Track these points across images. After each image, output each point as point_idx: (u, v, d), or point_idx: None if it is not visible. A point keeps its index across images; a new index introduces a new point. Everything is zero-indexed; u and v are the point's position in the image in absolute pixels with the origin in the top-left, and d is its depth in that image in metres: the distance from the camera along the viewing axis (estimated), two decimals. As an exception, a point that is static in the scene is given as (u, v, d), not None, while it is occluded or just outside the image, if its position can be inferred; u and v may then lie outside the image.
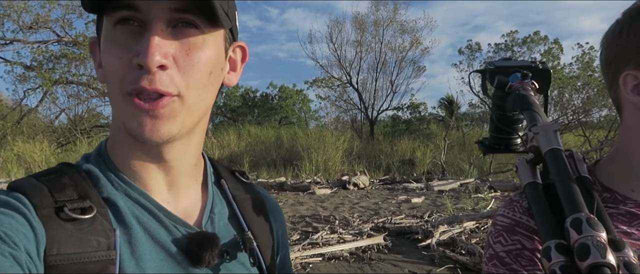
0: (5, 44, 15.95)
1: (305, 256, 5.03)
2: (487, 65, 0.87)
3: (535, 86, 0.81)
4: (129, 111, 0.59)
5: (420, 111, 22.85)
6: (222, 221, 0.73)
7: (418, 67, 22.40)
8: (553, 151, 0.65)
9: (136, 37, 0.58)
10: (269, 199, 0.85)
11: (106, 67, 0.60)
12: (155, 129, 0.59)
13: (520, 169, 0.74)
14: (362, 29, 22.02)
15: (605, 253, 0.49)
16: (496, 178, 11.49)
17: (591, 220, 0.53)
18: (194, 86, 0.61)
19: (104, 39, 0.60)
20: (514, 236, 0.79)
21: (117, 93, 0.59)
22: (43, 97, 17.96)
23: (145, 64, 0.55)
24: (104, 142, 0.70)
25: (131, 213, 0.63)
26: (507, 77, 0.82)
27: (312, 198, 9.86)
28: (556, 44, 19.01)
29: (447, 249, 5.23)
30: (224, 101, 26.36)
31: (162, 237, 0.64)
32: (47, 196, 0.58)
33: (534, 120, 0.72)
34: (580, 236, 0.52)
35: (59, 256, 0.54)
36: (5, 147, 15.00)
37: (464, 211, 7.49)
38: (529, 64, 0.85)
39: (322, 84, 23.41)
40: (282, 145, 17.14)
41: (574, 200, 0.58)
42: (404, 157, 15.79)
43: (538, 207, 0.65)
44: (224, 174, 0.80)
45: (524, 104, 0.76)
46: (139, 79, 0.57)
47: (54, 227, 0.55)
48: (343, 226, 6.54)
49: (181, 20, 0.59)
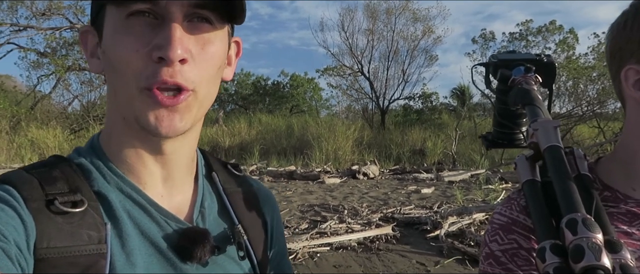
0: (19, 31, 16.09)
1: (313, 245, 5.04)
2: (490, 58, 0.86)
3: (539, 80, 0.79)
4: (145, 104, 0.58)
5: (432, 101, 22.71)
6: (212, 216, 0.72)
7: (430, 56, 22.19)
8: (552, 148, 0.64)
9: (153, 29, 0.57)
10: (262, 191, 0.84)
11: (117, 58, 0.59)
12: (172, 124, 0.59)
13: (520, 166, 0.72)
14: (374, 17, 21.83)
15: (600, 255, 0.48)
16: (507, 169, 11.40)
17: (587, 221, 0.52)
18: (206, 80, 0.62)
19: (113, 30, 0.59)
20: (510, 235, 0.78)
21: (131, 86, 0.58)
22: (56, 84, 18.16)
23: (168, 57, 0.56)
24: (96, 135, 0.69)
25: (122, 207, 0.62)
26: (510, 71, 0.81)
27: (322, 187, 9.88)
28: (571, 34, 18.67)
29: (456, 241, 5.21)
30: (235, 89, 26.45)
31: (152, 232, 0.63)
32: (37, 189, 0.57)
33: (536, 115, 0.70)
34: (575, 237, 0.50)
35: (49, 249, 0.54)
36: (19, 133, 15.23)
37: (474, 202, 7.45)
38: (533, 57, 0.83)
39: (334, 72, 23.31)
40: (292, 134, 17.17)
41: (571, 200, 0.56)
42: (414, 147, 15.73)
43: (535, 205, 0.64)
44: (216, 167, 0.79)
45: (526, 98, 0.74)
46: (158, 72, 0.57)
47: (44, 220, 0.55)
48: (352, 216, 6.55)
49: (197, 15, 0.60)
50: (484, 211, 6.13)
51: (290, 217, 6.72)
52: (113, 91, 0.62)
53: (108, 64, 0.61)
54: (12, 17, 15.68)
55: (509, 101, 0.78)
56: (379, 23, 21.91)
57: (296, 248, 4.89)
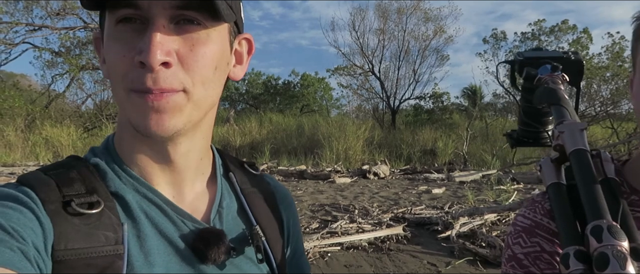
0: (34, 30, 16.30)
1: (323, 245, 5.05)
2: (516, 55, 0.84)
3: (566, 79, 0.78)
4: (133, 106, 0.58)
5: (443, 101, 22.59)
6: (230, 215, 0.72)
7: (441, 56, 22.11)
8: (578, 152, 0.63)
9: (138, 34, 0.57)
10: (279, 190, 0.84)
11: (109, 64, 0.59)
12: (160, 123, 0.58)
13: (544, 168, 0.71)
14: (385, 16, 21.79)
15: (625, 264, 0.47)
16: (519, 170, 11.32)
17: (613, 228, 0.51)
18: (199, 81, 0.60)
19: (107, 37, 0.60)
20: (533, 238, 0.77)
21: (121, 90, 0.59)
22: (70, 83, 18.37)
23: (147, 62, 0.55)
24: (111, 136, 0.70)
25: (139, 207, 0.62)
26: (536, 69, 0.79)
27: (332, 187, 9.88)
28: (585, 33, 18.47)
29: (467, 242, 5.18)
30: (246, 89, 26.51)
31: (170, 232, 0.63)
32: (54, 191, 0.57)
33: (562, 116, 0.69)
34: (600, 245, 0.50)
35: (67, 251, 0.54)
36: (34, 131, 15.43)
37: (485, 202, 7.41)
38: (560, 54, 0.81)
39: (344, 72, 23.30)
40: (303, 133, 17.17)
41: (597, 206, 0.55)
42: (425, 147, 15.67)
43: (560, 210, 0.63)
44: (233, 166, 0.78)
45: (552, 98, 0.72)
46: (142, 77, 0.56)
47: (62, 222, 0.55)
48: (362, 216, 6.55)
49: (183, 17, 0.58)
50: (496, 212, 6.09)
51: (301, 216, 6.73)
52: (114, 96, 0.62)
53: (108, 70, 0.61)
54: (27, 17, 15.92)
55: (535, 100, 0.77)
56: (390, 23, 21.87)
57: (307, 247, 4.90)
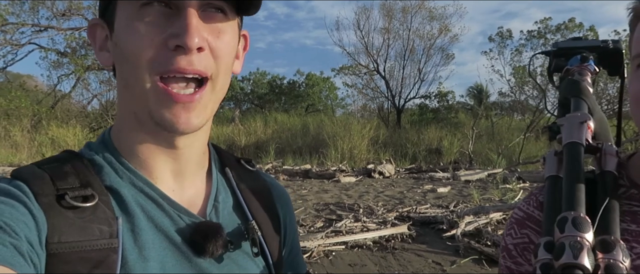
0: (40, 31, 16.39)
1: (328, 244, 5.05)
2: (552, 46, 0.83)
3: (596, 71, 0.76)
4: (160, 101, 0.58)
5: (448, 100, 22.54)
6: (226, 210, 0.71)
7: (447, 54, 22.06)
8: (570, 145, 0.64)
9: (168, 18, 0.57)
10: (276, 187, 0.84)
11: (130, 48, 0.58)
12: (189, 121, 0.59)
13: (547, 161, 0.71)
14: (390, 15, 21.75)
15: (579, 254, 0.48)
16: (525, 169, 11.26)
17: (577, 220, 0.52)
18: (222, 70, 0.62)
19: (127, 20, 0.59)
20: (523, 229, 0.78)
21: (145, 78, 0.58)
22: (76, 83, 18.47)
23: (185, 45, 0.56)
24: (107, 130, 0.69)
25: (135, 201, 0.62)
26: (566, 60, 0.78)
27: (337, 186, 9.87)
28: (591, 31, 18.36)
29: (473, 240, 5.16)
30: (251, 88, 26.55)
31: (166, 226, 0.63)
32: (48, 184, 0.57)
33: (579, 108, 0.68)
34: (562, 236, 0.51)
35: (61, 244, 0.54)
36: (40, 132, 15.54)
37: (490, 201, 7.38)
38: (598, 44, 0.79)
39: (349, 71, 23.28)
40: (308, 132, 17.19)
41: (570, 198, 0.57)
42: (430, 146, 15.63)
43: (548, 201, 0.63)
44: (229, 162, 0.78)
45: (573, 90, 0.72)
46: (174, 59, 0.57)
47: (56, 215, 0.55)
48: (367, 215, 6.54)
49: (211, 5, 0.60)
50: (501, 211, 6.06)
51: (306, 215, 6.73)
52: (124, 85, 0.62)
53: (120, 56, 0.60)
54: (33, 17, 16.01)
55: (559, 93, 0.76)
56: (395, 22, 21.85)
57: (311, 246, 4.90)
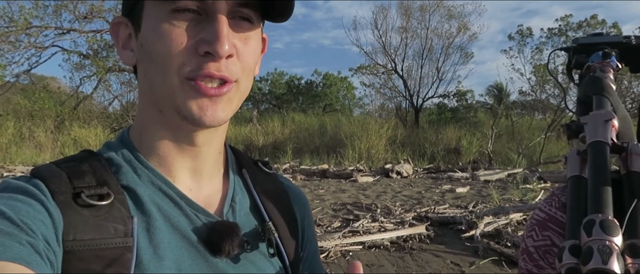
0: (63, 34, 16.70)
1: (345, 244, 5.04)
2: (572, 42, 0.81)
3: (619, 67, 0.74)
4: (188, 95, 0.60)
5: (467, 99, 22.29)
6: (243, 211, 0.72)
7: (465, 53, 21.79)
8: (595, 144, 0.61)
9: (198, 24, 0.59)
10: (293, 189, 0.84)
11: (159, 51, 0.59)
12: (216, 114, 0.61)
13: (569, 160, 0.69)
14: (407, 14, 21.60)
15: (608, 259, 0.46)
16: (546, 168, 11.08)
17: (605, 223, 0.50)
18: (246, 73, 0.64)
19: (156, 22, 0.60)
20: (545, 231, 0.76)
21: (173, 77, 0.59)
22: (97, 85, 18.78)
23: (216, 52, 0.58)
24: (126, 129, 0.70)
25: (151, 200, 0.63)
26: (587, 57, 0.76)
27: (355, 186, 9.86)
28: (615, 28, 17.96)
29: (492, 241, 5.11)
30: (269, 89, 26.67)
31: (182, 225, 0.63)
32: (65, 182, 0.58)
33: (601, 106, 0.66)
34: (589, 240, 0.50)
35: (76, 242, 0.55)
36: (63, 132, 15.85)
37: (510, 202, 7.28)
38: (620, 39, 0.77)
39: (367, 71, 23.21)
40: (325, 132, 17.19)
41: (597, 200, 0.55)
42: (449, 146, 15.49)
43: (572, 203, 0.61)
44: (246, 163, 0.79)
45: (595, 87, 0.70)
46: (203, 65, 0.59)
47: (71, 213, 0.56)
48: (385, 215, 6.51)
49: (239, 14, 0.62)
50: (521, 211, 5.98)
51: (323, 215, 6.73)
52: (149, 84, 0.63)
53: (146, 57, 0.61)
54: (56, 20, 16.33)
55: (579, 90, 0.73)
56: (413, 20, 21.69)
57: (328, 246, 4.90)
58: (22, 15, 15.14)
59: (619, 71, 0.75)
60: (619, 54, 0.76)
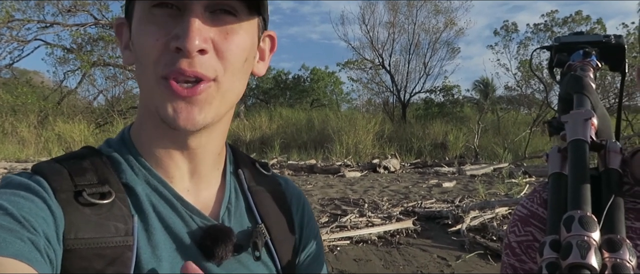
0: (46, 27, 16.47)
1: (333, 239, 5.05)
2: (554, 41, 0.82)
3: (598, 66, 0.75)
4: (163, 96, 0.58)
5: (454, 94, 22.42)
6: (238, 213, 0.71)
7: (452, 48, 21.96)
8: (575, 142, 0.63)
9: (174, 19, 0.57)
10: (291, 190, 0.82)
11: (139, 48, 0.59)
12: (190, 116, 0.58)
13: (551, 157, 0.70)
14: (395, 9, 21.66)
15: (587, 253, 0.48)
16: (531, 163, 11.21)
17: (584, 218, 0.51)
18: (230, 71, 0.60)
19: (139, 20, 0.59)
20: (527, 227, 0.77)
21: (151, 76, 0.58)
22: (82, 79, 18.56)
23: (185, 48, 0.55)
24: (127, 128, 0.70)
25: (148, 200, 0.62)
26: (568, 55, 0.77)
27: (342, 181, 9.88)
28: (599, 24, 18.18)
29: (478, 235, 5.15)
30: (256, 83, 26.56)
31: (177, 227, 0.63)
32: (67, 180, 0.58)
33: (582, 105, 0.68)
34: (568, 235, 0.51)
35: (77, 240, 0.54)
36: (46, 127, 15.63)
37: (496, 196, 7.36)
38: (600, 38, 0.79)
39: (354, 66, 23.24)
40: (313, 127, 17.19)
41: (577, 196, 0.56)
42: (436, 140, 15.60)
43: (552, 199, 0.62)
44: (243, 164, 0.77)
45: (575, 86, 0.71)
46: (175, 61, 0.56)
47: (73, 211, 0.55)
48: (372, 210, 6.53)
49: (219, 6, 0.58)
50: (507, 205, 6.04)
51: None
52: (139, 84, 0.62)
53: (135, 56, 0.61)
54: (39, 14, 16.07)
55: (560, 88, 0.75)
56: (400, 16, 21.76)
57: (316, 241, 4.90)
58: (3, 8, 14.88)
59: (599, 69, 0.77)
60: (599, 53, 0.78)
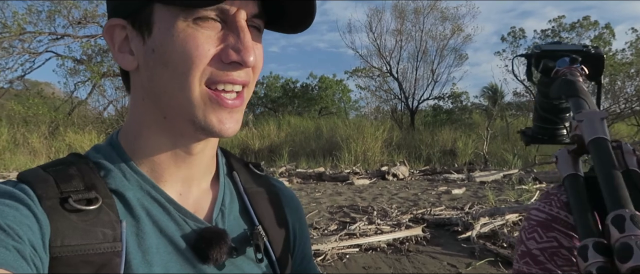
0: (57, 39, 16.67)
1: (342, 246, 5.03)
2: (533, 48, 0.82)
3: (585, 72, 0.75)
4: (208, 107, 0.60)
5: (462, 100, 22.34)
6: (232, 215, 0.71)
7: (460, 55, 21.93)
8: (597, 140, 0.61)
9: (219, 33, 0.60)
10: (285, 192, 0.83)
11: (179, 57, 0.58)
12: (234, 126, 0.63)
13: (561, 160, 0.68)
14: (402, 17, 21.70)
15: None
16: (541, 169, 11.12)
17: (636, 217, 0.48)
18: (254, 81, 0.66)
19: (177, 29, 0.58)
20: (550, 232, 0.73)
21: (194, 85, 0.59)
22: (92, 90, 18.75)
23: (244, 62, 0.59)
24: (115, 133, 0.69)
25: (140, 204, 0.62)
26: (554, 62, 0.77)
27: (351, 189, 9.85)
28: (607, 29, 18.08)
29: (488, 242, 5.11)
30: (264, 92, 26.65)
31: (171, 231, 0.63)
32: (52, 187, 0.57)
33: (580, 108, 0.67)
34: (622, 235, 0.47)
35: (63, 247, 0.53)
36: (57, 138, 15.78)
37: (506, 202, 7.30)
38: (579, 48, 0.79)
39: (362, 74, 23.28)
40: (321, 135, 17.19)
41: (618, 195, 0.53)
42: (445, 147, 15.52)
43: (577, 201, 0.60)
44: (237, 166, 0.78)
45: (570, 90, 0.70)
46: (228, 72, 0.60)
47: (59, 218, 0.55)
48: (381, 217, 6.50)
49: (253, 23, 0.63)
50: (517, 212, 5.99)
51: (319, 218, 6.71)
52: (161, 90, 0.61)
53: (159, 62, 0.59)
54: (50, 26, 16.30)
55: (551, 93, 0.74)
56: (407, 23, 21.79)
57: (325, 249, 4.89)
58: (15, 21, 15.11)
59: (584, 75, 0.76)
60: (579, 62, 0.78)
